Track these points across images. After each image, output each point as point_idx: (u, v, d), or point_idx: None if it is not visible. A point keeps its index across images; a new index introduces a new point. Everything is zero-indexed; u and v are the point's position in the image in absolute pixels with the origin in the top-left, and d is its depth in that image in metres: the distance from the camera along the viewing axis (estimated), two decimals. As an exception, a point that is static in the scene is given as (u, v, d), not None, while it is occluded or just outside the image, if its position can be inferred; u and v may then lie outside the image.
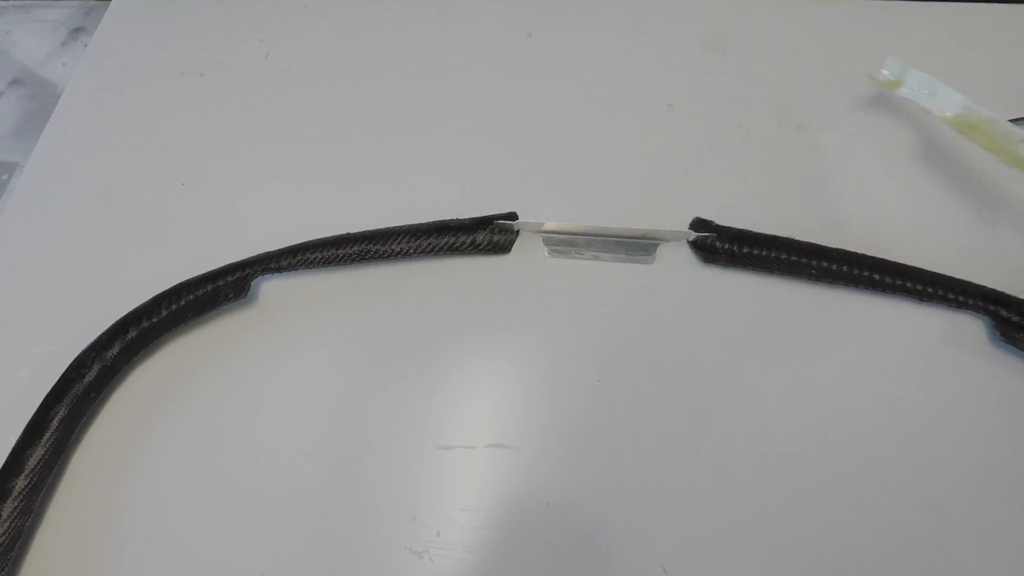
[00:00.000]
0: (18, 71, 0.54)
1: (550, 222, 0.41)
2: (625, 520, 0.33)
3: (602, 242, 0.39)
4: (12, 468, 0.37)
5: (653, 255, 0.40)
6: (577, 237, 0.40)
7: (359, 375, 0.39)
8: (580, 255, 0.40)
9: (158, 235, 0.44)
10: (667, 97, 0.47)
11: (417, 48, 0.51)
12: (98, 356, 0.40)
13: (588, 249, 0.40)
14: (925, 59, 0.44)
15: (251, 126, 0.48)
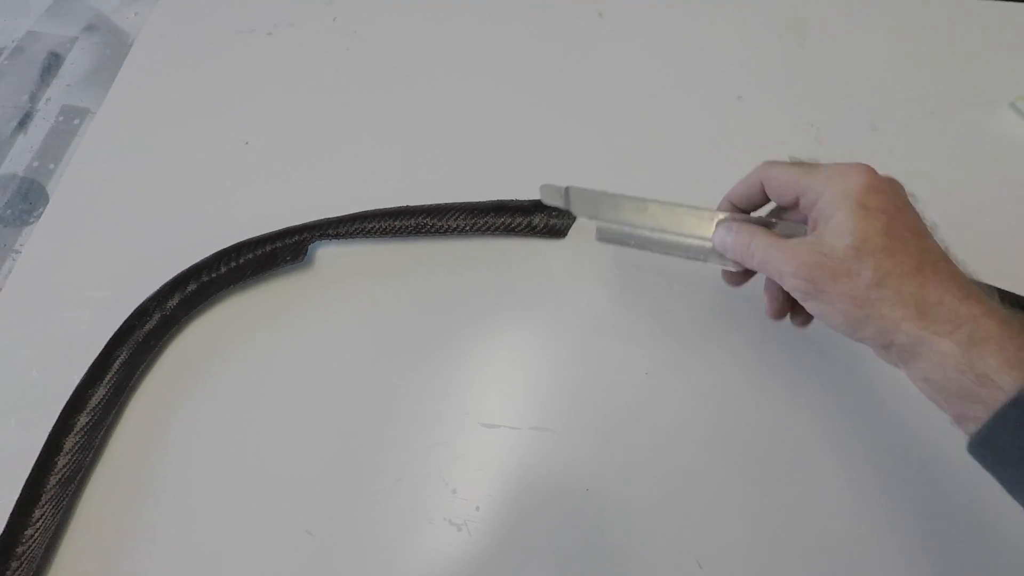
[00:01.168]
0: (92, 17, 0.55)
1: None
2: (662, 513, 0.34)
3: (659, 241, 0.34)
4: (75, 405, 0.38)
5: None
6: (635, 232, 0.34)
7: (408, 347, 0.39)
8: (630, 244, 0.34)
9: (219, 191, 0.45)
10: (738, 89, 0.46)
11: (486, 21, 0.50)
12: (159, 306, 0.41)
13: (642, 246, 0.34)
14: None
15: (316, 90, 0.48)
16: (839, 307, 0.26)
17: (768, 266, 0.29)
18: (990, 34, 0.46)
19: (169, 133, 0.48)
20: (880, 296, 0.25)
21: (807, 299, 0.27)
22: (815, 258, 0.26)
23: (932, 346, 0.24)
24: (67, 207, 0.46)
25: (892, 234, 0.25)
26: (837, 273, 0.26)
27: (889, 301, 0.25)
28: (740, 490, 0.34)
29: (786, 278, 0.27)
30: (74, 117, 0.51)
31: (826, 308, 0.26)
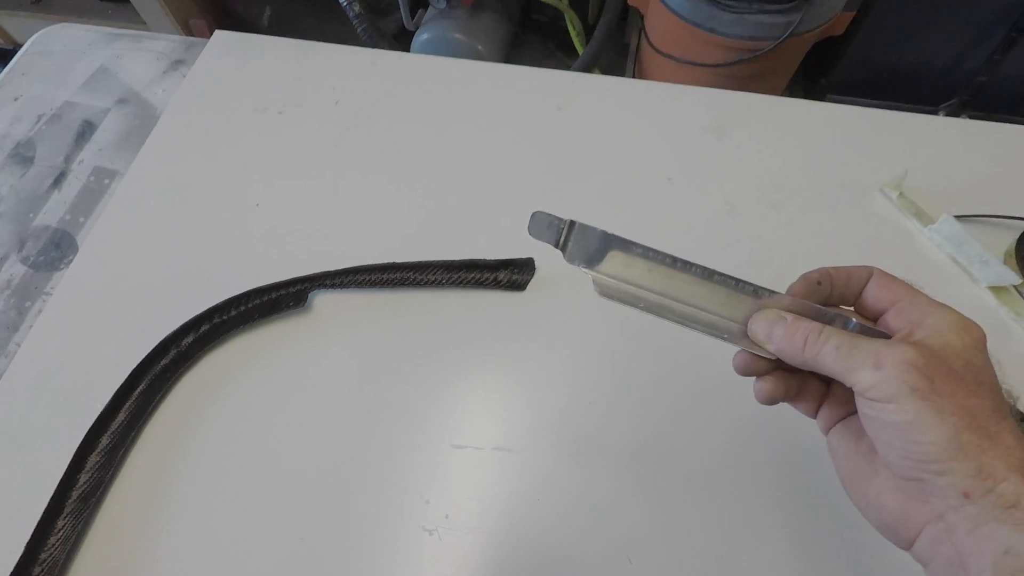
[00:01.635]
0: (125, 91, 0.64)
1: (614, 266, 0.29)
2: (599, 518, 0.41)
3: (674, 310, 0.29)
4: (99, 428, 0.45)
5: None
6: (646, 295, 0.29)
7: (391, 380, 0.47)
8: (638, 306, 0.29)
9: (232, 245, 0.53)
10: (668, 172, 0.56)
11: (466, 111, 0.60)
12: (175, 343, 0.48)
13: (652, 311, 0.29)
14: (894, 165, 0.52)
15: (318, 161, 0.57)
16: (950, 423, 0.23)
17: (844, 361, 0.25)
18: (863, 134, 0.57)
19: (189, 193, 0.56)
20: (999, 430, 0.23)
21: (907, 398, 0.23)
22: (926, 354, 0.24)
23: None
24: (95, 255, 0.53)
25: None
26: (954, 380, 0.23)
27: (1005, 449, 0.22)
28: (671, 498, 0.42)
29: (884, 375, 0.24)
30: (104, 177, 0.58)
31: (928, 417, 0.23)
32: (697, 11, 1.09)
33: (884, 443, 0.25)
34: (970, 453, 0.22)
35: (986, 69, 1.19)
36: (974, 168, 0.55)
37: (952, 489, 0.23)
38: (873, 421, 0.25)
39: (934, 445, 0.23)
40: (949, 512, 0.23)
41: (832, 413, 0.29)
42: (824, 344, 0.26)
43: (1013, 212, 0.52)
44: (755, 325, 0.28)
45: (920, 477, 0.24)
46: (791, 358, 0.27)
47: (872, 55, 1.27)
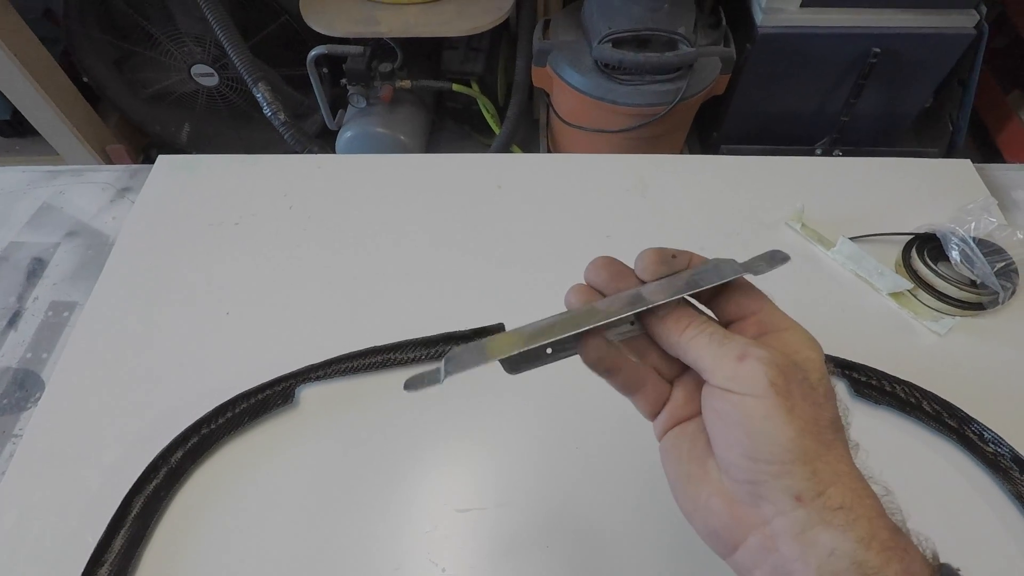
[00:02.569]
0: (73, 224, 0.65)
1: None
2: (607, 550, 0.44)
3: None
4: (97, 559, 0.44)
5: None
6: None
7: (387, 460, 0.48)
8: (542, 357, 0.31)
9: (207, 356, 0.54)
10: (606, 230, 0.62)
11: (411, 198, 0.65)
12: (165, 461, 0.48)
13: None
14: (792, 201, 0.61)
15: (282, 263, 0.60)
16: (797, 425, 0.24)
17: (715, 348, 0.26)
18: (761, 178, 0.67)
19: (156, 312, 0.57)
20: (834, 440, 0.25)
21: (764, 393, 0.24)
22: (786, 358, 0.25)
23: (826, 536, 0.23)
24: (64, 389, 0.53)
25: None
26: (806, 387, 0.25)
27: (836, 457, 0.24)
28: (670, 539, 0.45)
29: (747, 367, 0.25)
30: (63, 310, 0.58)
31: (778, 424, 0.24)
32: (597, 86, 1.22)
33: (727, 442, 0.25)
34: (808, 457, 0.24)
35: (845, 111, 1.38)
36: (857, 196, 0.65)
37: (786, 492, 0.24)
38: (722, 417, 0.25)
39: (778, 445, 0.24)
40: (778, 517, 0.24)
41: (671, 416, 0.30)
42: (700, 331, 0.27)
43: (894, 229, 0.61)
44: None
45: (757, 479, 0.24)
46: (667, 336, 0.28)
47: (751, 108, 1.44)
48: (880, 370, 0.51)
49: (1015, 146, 1.53)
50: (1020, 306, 0.56)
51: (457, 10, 1.29)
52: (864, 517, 0.23)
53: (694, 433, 0.28)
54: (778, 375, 0.24)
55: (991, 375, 0.53)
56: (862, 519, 0.23)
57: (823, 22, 1.25)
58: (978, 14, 1.25)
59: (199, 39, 1.45)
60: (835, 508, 0.23)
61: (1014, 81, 1.59)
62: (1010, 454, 0.47)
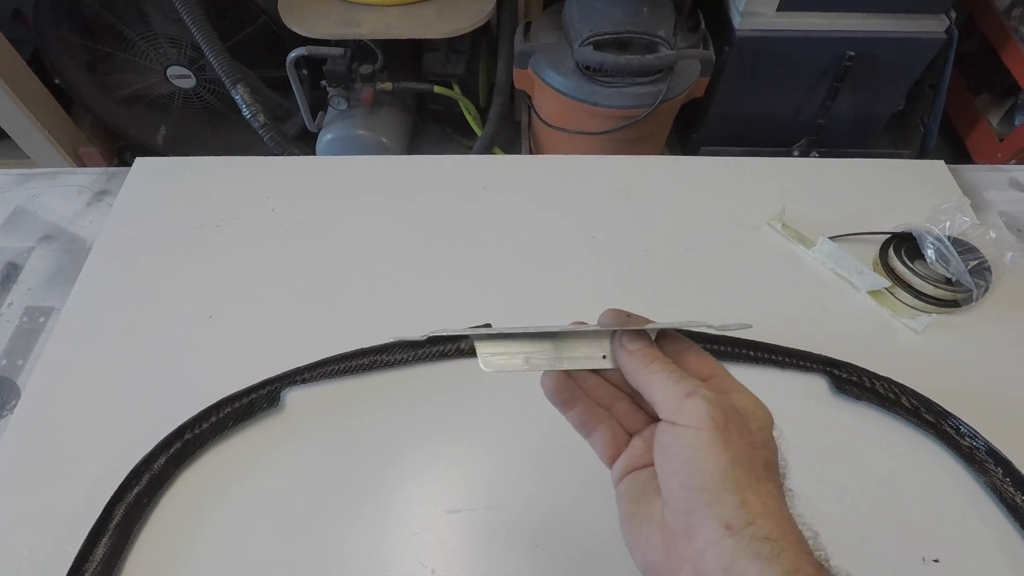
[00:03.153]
0: (48, 228, 0.63)
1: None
2: (596, 550, 0.44)
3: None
4: (78, 568, 0.43)
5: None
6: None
7: (375, 462, 0.48)
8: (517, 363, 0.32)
9: (190, 361, 0.53)
10: (592, 231, 0.63)
11: (396, 200, 0.65)
12: (148, 467, 0.47)
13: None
14: (774, 201, 0.62)
15: (265, 266, 0.59)
16: (730, 456, 0.26)
17: (671, 385, 0.28)
18: (743, 179, 0.68)
19: (136, 317, 0.56)
20: (767, 478, 0.26)
21: (703, 425, 0.26)
22: (729, 405, 0.27)
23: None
24: (41, 395, 0.52)
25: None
26: (744, 429, 0.27)
27: (767, 492, 0.26)
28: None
29: (691, 403, 0.27)
30: (39, 316, 0.57)
31: (715, 446, 0.26)
32: (579, 89, 1.23)
33: (667, 472, 0.27)
34: (739, 487, 0.25)
35: (822, 113, 1.41)
36: (836, 197, 0.67)
37: (717, 520, 0.25)
38: (664, 449, 0.28)
39: (710, 474, 0.25)
40: (709, 549, 0.25)
41: (628, 463, 0.32)
42: (662, 368, 0.29)
43: (872, 228, 0.63)
44: (624, 336, 0.31)
45: (691, 507, 0.26)
46: (633, 368, 0.30)
47: (730, 110, 1.46)
48: (860, 367, 0.52)
49: (983, 147, 1.58)
50: (993, 303, 0.58)
51: (438, 12, 1.29)
52: (790, 551, 0.24)
53: (647, 479, 0.30)
54: (719, 412, 0.27)
55: (967, 371, 0.54)
56: (787, 552, 0.24)
57: (799, 26, 1.28)
58: (948, 19, 1.28)
59: (175, 40, 1.42)
60: (762, 538, 0.24)
61: (982, 85, 1.64)
62: (985, 447, 0.48)
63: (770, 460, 0.28)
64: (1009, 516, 0.46)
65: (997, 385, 0.53)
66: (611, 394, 0.33)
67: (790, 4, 1.25)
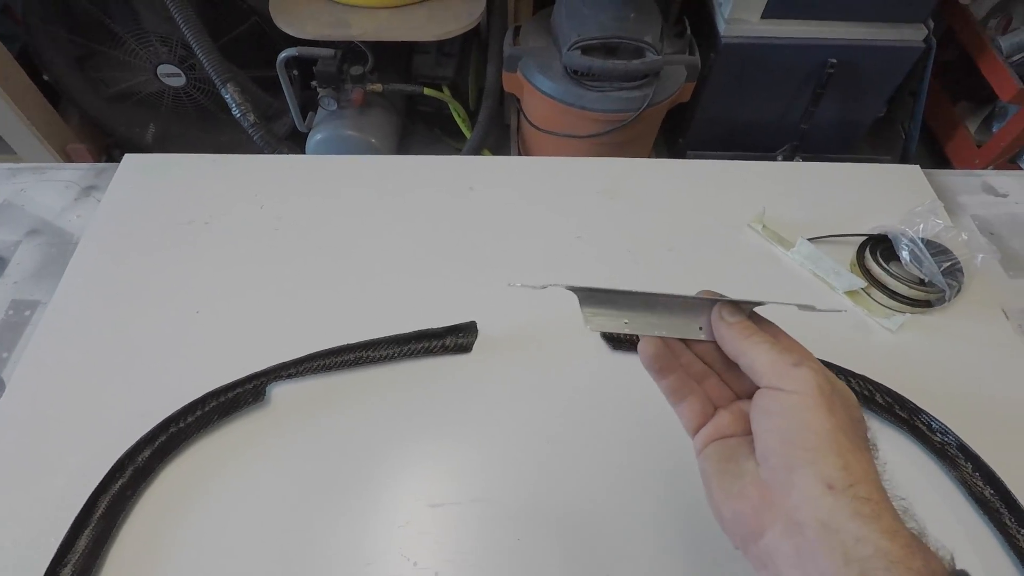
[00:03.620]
0: (35, 222, 0.63)
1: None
2: (577, 543, 0.45)
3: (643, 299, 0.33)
4: (60, 559, 0.43)
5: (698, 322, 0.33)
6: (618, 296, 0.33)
7: (359, 457, 0.49)
8: (618, 323, 0.33)
9: (177, 355, 0.54)
10: (576, 231, 0.64)
11: (384, 199, 0.66)
12: (132, 460, 0.47)
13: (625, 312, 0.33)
14: (755, 204, 0.64)
15: (253, 262, 0.60)
16: (834, 421, 0.27)
17: (775, 354, 0.29)
18: (725, 182, 0.69)
19: (124, 311, 0.56)
20: (866, 447, 0.28)
21: (810, 392, 0.27)
22: (833, 379, 0.29)
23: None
24: (26, 388, 0.52)
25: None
26: (846, 401, 0.28)
27: (867, 459, 0.27)
28: (638, 522, 0.47)
29: (799, 371, 0.28)
30: (25, 309, 0.57)
31: (821, 410, 0.27)
32: (567, 92, 1.24)
33: (768, 430, 0.28)
34: (842, 450, 0.26)
35: (805, 119, 1.43)
36: (815, 199, 0.68)
37: (818, 479, 0.26)
38: (768, 412, 0.28)
39: (815, 433, 0.26)
40: (807, 503, 0.26)
41: (715, 430, 0.33)
42: (764, 339, 0.30)
43: (849, 230, 0.64)
44: (724, 308, 0.32)
45: (792, 463, 0.27)
46: (732, 339, 0.31)
47: (716, 115, 1.48)
48: (836, 364, 0.54)
49: (962, 154, 1.61)
50: (965, 304, 0.59)
51: (428, 15, 1.30)
52: (889, 512, 0.25)
53: (735, 445, 0.31)
54: (826, 383, 0.28)
55: (939, 369, 0.56)
56: (888, 512, 0.25)
57: (782, 33, 1.30)
58: (926, 28, 1.31)
59: (165, 39, 1.42)
60: (864, 498, 0.25)
61: (961, 93, 1.68)
62: (956, 443, 0.50)
63: (868, 435, 0.29)
64: (978, 509, 0.48)
65: (968, 383, 0.55)
66: (702, 370, 0.34)
67: (774, 12, 1.28)
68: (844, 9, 1.27)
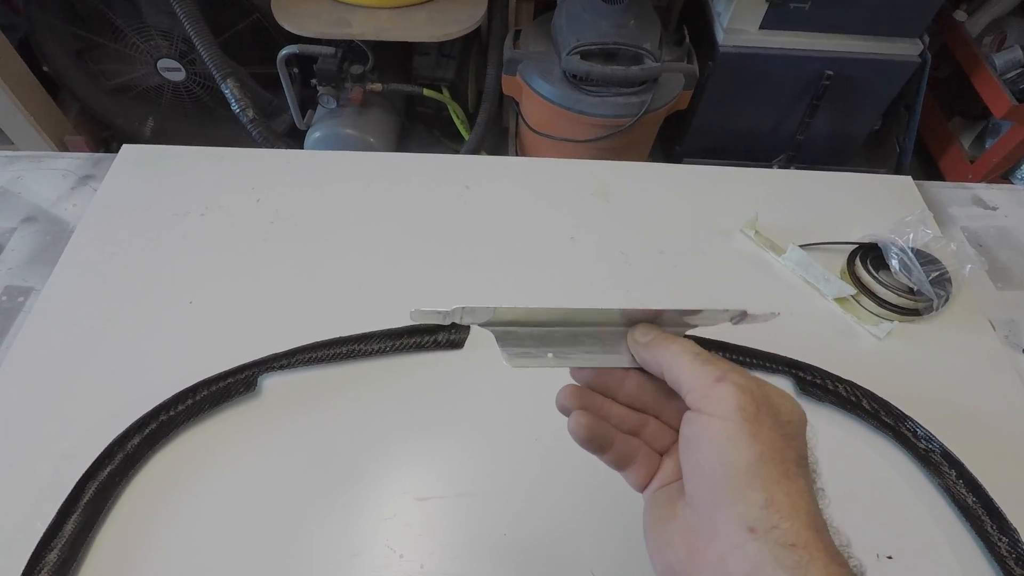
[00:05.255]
0: (31, 210, 0.63)
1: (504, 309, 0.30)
2: (562, 539, 0.45)
3: (566, 334, 0.31)
4: (46, 543, 0.43)
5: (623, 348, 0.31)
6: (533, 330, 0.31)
7: (348, 449, 0.49)
8: (543, 357, 0.31)
9: (169, 344, 0.54)
10: (570, 232, 0.64)
11: (379, 196, 0.66)
12: (121, 447, 0.48)
13: (549, 347, 0.31)
14: (747, 210, 0.64)
15: (248, 255, 0.60)
16: (758, 449, 0.24)
17: (698, 367, 0.27)
18: (719, 187, 0.70)
19: (117, 300, 0.56)
20: (798, 474, 0.24)
21: (731, 415, 0.24)
22: (762, 394, 0.26)
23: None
24: (17, 374, 0.52)
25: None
26: (775, 419, 0.25)
27: (797, 489, 0.24)
28: (622, 514, 0.47)
29: (721, 389, 0.25)
30: (18, 295, 0.57)
31: (742, 437, 0.24)
32: (565, 96, 1.25)
33: (692, 466, 0.26)
34: (766, 483, 0.23)
35: (801, 130, 1.45)
36: (807, 207, 0.69)
37: (740, 522, 0.23)
38: (690, 442, 0.26)
39: (736, 467, 0.24)
40: (731, 553, 0.23)
41: (659, 483, 0.30)
42: (686, 350, 0.28)
43: (840, 238, 0.65)
44: (636, 332, 0.30)
45: (715, 504, 0.24)
46: (651, 359, 0.29)
47: (713, 124, 1.50)
48: (824, 370, 0.54)
49: (955, 169, 1.63)
50: (952, 313, 0.60)
51: (429, 16, 1.31)
52: (819, 560, 0.22)
53: (676, 488, 0.29)
54: (749, 402, 0.25)
55: (925, 376, 0.56)
56: (816, 562, 0.22)
57: (780, 44, 1.31)
58: (922, 43, 1.33)
59: (166, 33, 1.43)
60: (788, 545, 0.22)
61: (955, 109, 1.69)
62: (940, 450, 0.50)
63: (801, 454, 0.25)
64: (961, 516, 0.48)
65: (953, 391, 0.55)
66: (638, 420, 0.31)
67: (772, 23, 1.29)
68: (841, 22, 1.28)
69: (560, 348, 0.31)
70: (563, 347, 0.31)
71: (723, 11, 1.32)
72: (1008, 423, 0.54)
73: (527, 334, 0.31)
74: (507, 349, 0.31)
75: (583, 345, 0.31)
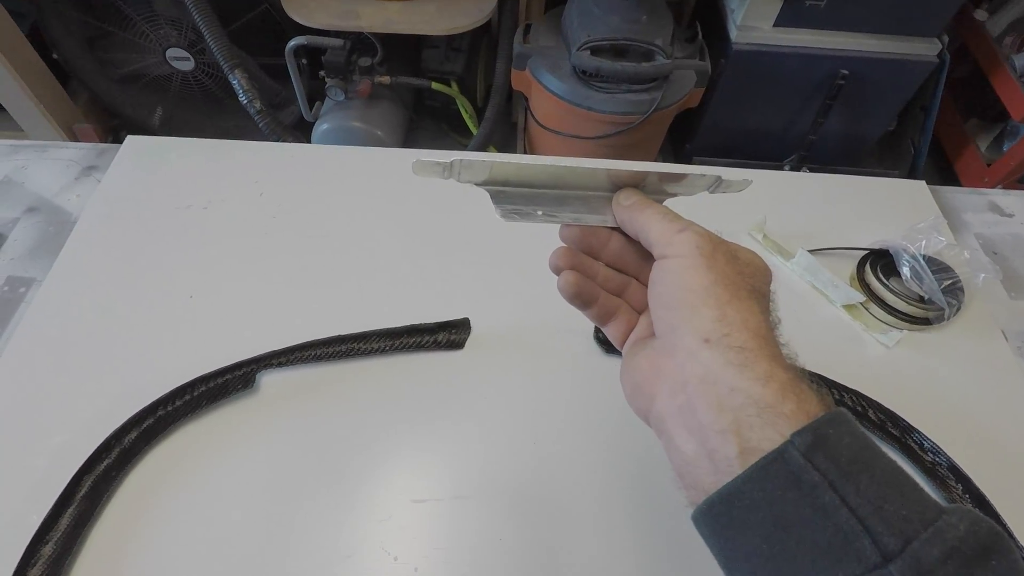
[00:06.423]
0: (34, 200, 0.63)
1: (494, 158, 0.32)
2: (558, 544, 0.45)
3: (554, 196, 0.33)
4: (41, 537, 0.43)
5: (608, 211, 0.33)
6: (524, 190, 0.33)
7: (345, 448, 0.49)
8: (533, 215, 0.33)
9: (169, 339, 0.53)
10: (576, 232, 0.64)
11: (384, 191, 0.65)
12: (118, 440, 0.47)
13: (538, 206, 0.33)
14: (756, 212, 0.63)
15: (250, 249, 0.59)
16: (712, 276, 0.27)
17: (666, 223, 0.29)
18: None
19: (117, 293, 0.56)
20: (748, 297, 0.27)
21: (690, 253, 0.28)
22: (719, 240, 0.29)
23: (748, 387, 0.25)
24: (17, 364, 0.52)
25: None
26: (731, 257, 0.28)
27: (747, 307, 0.27)
28: (616, 520, 0.46)
29: (682, 236, 0.28)
30: (20, 286, 0.57)
31: (694, 275, 0.27)
32: (575, 92, 1.24)
33: (656, 298, 0.29)
34: (719, 302, 0.27)
35: (813, 130, 1.42)
36: (818, 210, 0.68)
37: (696, 335, 0.26)
38: (655, 283, 0.29)
39: (691, 291, 0.27)
40: (688, 362, 0.26)
41: (635, 337, 0.34)
42: (656, 211, 0.31)
43: (851, 244, 0.64)
44: (620, 194, 0.33)
45: (673, 324, 0.28)
46: (629, 220, 0.32)
47: (724, 122, 1.48)
48: (830, 379, 0.53)
49: (971, 172, 1.60)
50: (964, 323, 0.59)
51: (438, 9, 1.30)
52: (764, 358, 0.25)
53: (649, 340, 0.32)
54: (706, 243, 0.28)
55: (934, 388, 0.55)
56: (762, 359, 0.25)
57: (794, 42, 1.29)
58: (940, 43, 1.30)
59: (175, 22, 1.42)
60: (736, 347, 0.25)
61: (973, 110, 1.66)
62: (947, 464, 0.49)
63: (757, 288, 0.29)
64: (966, 530, 0.47)
65: (962, 403, 0.54)
66: (622, 281, 0.35)
67: (787, 20, 1.27)
68: (857, 20, 1.26)
69: (549, 208, 0.33)
70: (552, 207, 0.33)
71: (737, 8, 1.30)
72: (1018, 437, 0.52)
73: (518, 194, 0.33)
74: (500, 206, 0.33)
75: (570, 206, 0.33)
